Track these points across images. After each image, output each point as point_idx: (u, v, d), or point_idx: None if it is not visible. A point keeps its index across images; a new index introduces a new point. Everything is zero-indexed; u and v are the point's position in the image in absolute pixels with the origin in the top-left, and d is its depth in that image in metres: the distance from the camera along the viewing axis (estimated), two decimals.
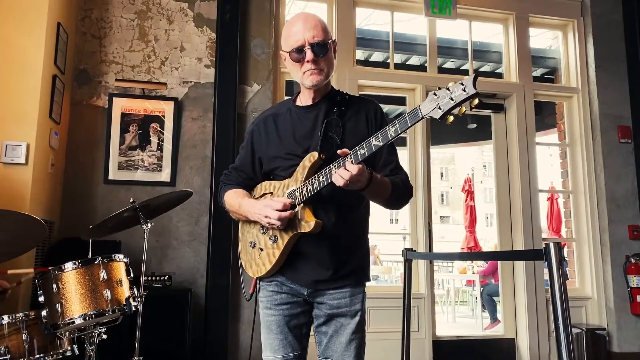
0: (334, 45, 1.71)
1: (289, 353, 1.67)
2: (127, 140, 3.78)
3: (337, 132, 1.64)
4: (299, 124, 1.72)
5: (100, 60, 3.86)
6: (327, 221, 1.61)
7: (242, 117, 4.01)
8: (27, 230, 1.67)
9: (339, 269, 1.65)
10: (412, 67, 6.02)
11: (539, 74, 6.04)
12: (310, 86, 1.67)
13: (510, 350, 4.45)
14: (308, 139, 1.67)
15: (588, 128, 4.73)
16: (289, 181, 1.66)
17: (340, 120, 1.66)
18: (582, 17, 4.87)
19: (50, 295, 2.02)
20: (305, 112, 1.73)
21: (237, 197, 1.76)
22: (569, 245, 4.81)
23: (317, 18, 1.66)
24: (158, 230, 3.67)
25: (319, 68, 1.63)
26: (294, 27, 1.65)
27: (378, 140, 1.42)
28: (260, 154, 1.78)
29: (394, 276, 10.11)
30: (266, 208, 1.59)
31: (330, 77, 1.73)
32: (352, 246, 1.70)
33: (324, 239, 1.62)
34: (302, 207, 1.59)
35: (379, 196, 1.63)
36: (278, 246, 1.64)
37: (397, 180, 1.65)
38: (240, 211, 1.73)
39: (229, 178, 1.87)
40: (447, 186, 29.20)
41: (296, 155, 1.66)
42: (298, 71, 1.67)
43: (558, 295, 1.59)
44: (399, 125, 1.39)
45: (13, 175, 3.05)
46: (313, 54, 1.61)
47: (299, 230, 1.59)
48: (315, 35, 1.61)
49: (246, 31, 4.11)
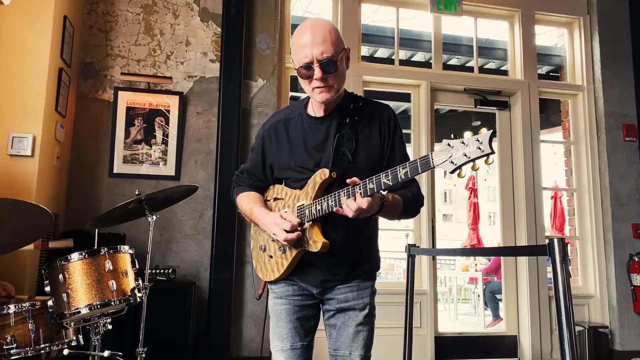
0: (347, 54, 1.63)
1: (297, 342, 1.68)
2: (132, 134, 3.79)
3: (349, 146, 1.61)
4: (310, 134, 1.68)
5: (106, 53, 3.87)
6: (336, 237, 1.60)
7: (247, 112, 4.02)
8: (34, 220, 1.68)
9: (346, 274, 1.68)
10: (417, 64, 6.03)
11: (544, 71, 6.04)
12: (320, 102, 1.63)
13: (513, 347, 4.45)
14: (320, 152, 1.65)
15: (593, 126, 4.71)
16: (299, 193, 1.64)
17: (353, 132, 1.63)
18: (588, 14, 4.86)
19: (57, 285, 2.04)
20: (317, 122, 1.68)
21: (249, 201, 1.74)
22: (572, 243, 4.81)
23: (327, 28, 1.57)
24: (162, 223, 3.68)
25: (327, 85, 1.58)
26: (302, 38, 1.57)
27: (388, 179, 1.41)
28: (271, 160, 1.75)
29: (396, 273, 10.13)
30: (275, 226, 1.58)
31: (342, 89, 1.67)
32: (361, 254, 1.71)
33: (333, 253, 1.60)
34: (311, 225, 1.58)
35: (392, 215, 1.63)
36: (286, 257, 1.65)
37: (408, 195, 1.64)
38: (252, 217, 1.72)
39: (241, 179, 1.85)
40: (450, 184, 29.14)
41: (307, 168, 1.64)
42: (307, 86, 1.62)
43: (561, 290, 1.59)
44: (409, 169, 1.39)
45: (19, 167, 3.07)
46: (322, 71, 1.55)
47: (306, 248, 1.59)
48: (324, 51, 1.54)
49: (251, 26, 4.12)
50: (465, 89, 4.69)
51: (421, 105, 4.57)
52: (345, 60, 1.63)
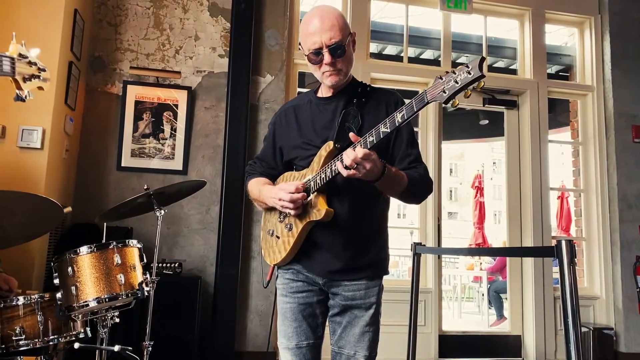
0: (353, 38, 1.70)
1: (302, 341, 1.68)
2: (140, 128, 3.81)
3: (355, 122, 1.64)
4: (318, 115, 1.73)
5: (115, 47, 3.88)
6: (341, 210, 1.61)
7: (255, 107, 4.02)
8: (44, 214, 1.70)
9: (352, 261, 1.66)
10: (426, 62, 6.00)
11: (554, 71, 5.99)
12: (330, 86, 1.70)
13: (516, 347, 4.45)
14: (327, 130, 1.69)
15: (602, 127, 4.69)
16: (306, 171, 1.67)
17: (359, 111, 1.66)
18: (599, 14, 4.82)
19: (66, 278, 2.06)
20: (325, 103, 1.74)
21: (258, 185, 1.79)
22: (578, 244, 4.79)
23: (334, 14, 1.64)
24: (169, 218, 3.70)
25: (337, 69, 1.65)
26: (310, 25, 1.64)
27: (386, 127, 1.42)
28: (281, 143, 1.80)
29: (400, 270, 10.14)
30: (280, 191, 1.61)
31: (350, 72, 1.74)
32: (368, 238, 1.70)
33: (338, 230, 1.62)
34: (316, 196, 1.60)
35: (394, 189, 1.62)
36: (292, 234, 1.65)
37: (414, 174, 1.64)
38: (261, 198, 1.75)
39: (253, 168, 1.90)
40: (456, 182, 29.07)
41: (314, 145, 1.67)
42: (317, 71, 1.69)
43: (568, 292, 1.58)
44: (405, 111, 1.40)
45: (28, 159, 3.09)
46: (331, 56, 1.62)
47: (310, 218, 1.60)
48: (332, 37, 1.60)
49: (260, 22, 4.11)
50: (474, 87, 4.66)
51: None
52: (352, 44, 1.70)
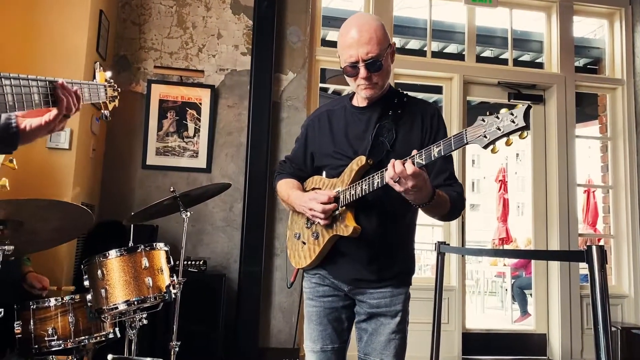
0: (392, 49, 1.67)
1: (327, 345, 1.69)
2: (165, 127, 3.85)
3: (389, 136, 1.62)
4: (352, 124, 1.71)
5: (140, 46, 3.92)
6: (368, 226, 1.60)
7: (277, 105, 4.02)
8: (75, 220, 1.74)
9: (378, 273, 1.66)
10: (450, 56, 5.90)
11: (581, 64, 5.84)
12: (364, 98, 1.68)
13: (542, 345, 4.40)
14: (360, 141, 1.67)
15: (632, 121, 4.57)
16: (336, 181, 1.66)
17: (394, 124, 1.64)
18: (630, 5, 4.67)
19: (95, 281, 2.10)
20: (359, 112, 1.72)
21: (287, 187, 1.79)
22: (606, 241, 4.70)
23: (373, 27, 1.61)
24: (194, 215, 3.72)
25: (372, 83, 1.62)
26: (347, 37, 1.61)
27: (421, 159, 1.39)
28: (313, 149, 1.79)
29: (422, 265, 10.07)
30: (311, 201, 1.60)
31: (387, 83, 1.71)
32: (394, 253, 1.69)
33: (364, 243, 1.62)
34: (345, 210, 1.59)
35: (437, 213, 1.62)
36: (319, 243, 1.65)
37: (454, 195, 1.62)
38: (289, 201, 1.76)
39: (283, 167, 1.90)
40: (479, 174, 28.73)
41: (346, 155, 1.66)
42: (353, 83, 1.67)
43: (599, 299, 1.55)
44: (443, 146, 1.37)
45: (57, 160, 3.15)
46: (367, 71, 1.59)
47: (337, 232, 1.60)
48: (369, 52, 1.57)
49: (282, 19, 4.10)
50: (499, 82, 4.59)
51: (453, 98, 4.49)
52: (391, 56, 1.68)
